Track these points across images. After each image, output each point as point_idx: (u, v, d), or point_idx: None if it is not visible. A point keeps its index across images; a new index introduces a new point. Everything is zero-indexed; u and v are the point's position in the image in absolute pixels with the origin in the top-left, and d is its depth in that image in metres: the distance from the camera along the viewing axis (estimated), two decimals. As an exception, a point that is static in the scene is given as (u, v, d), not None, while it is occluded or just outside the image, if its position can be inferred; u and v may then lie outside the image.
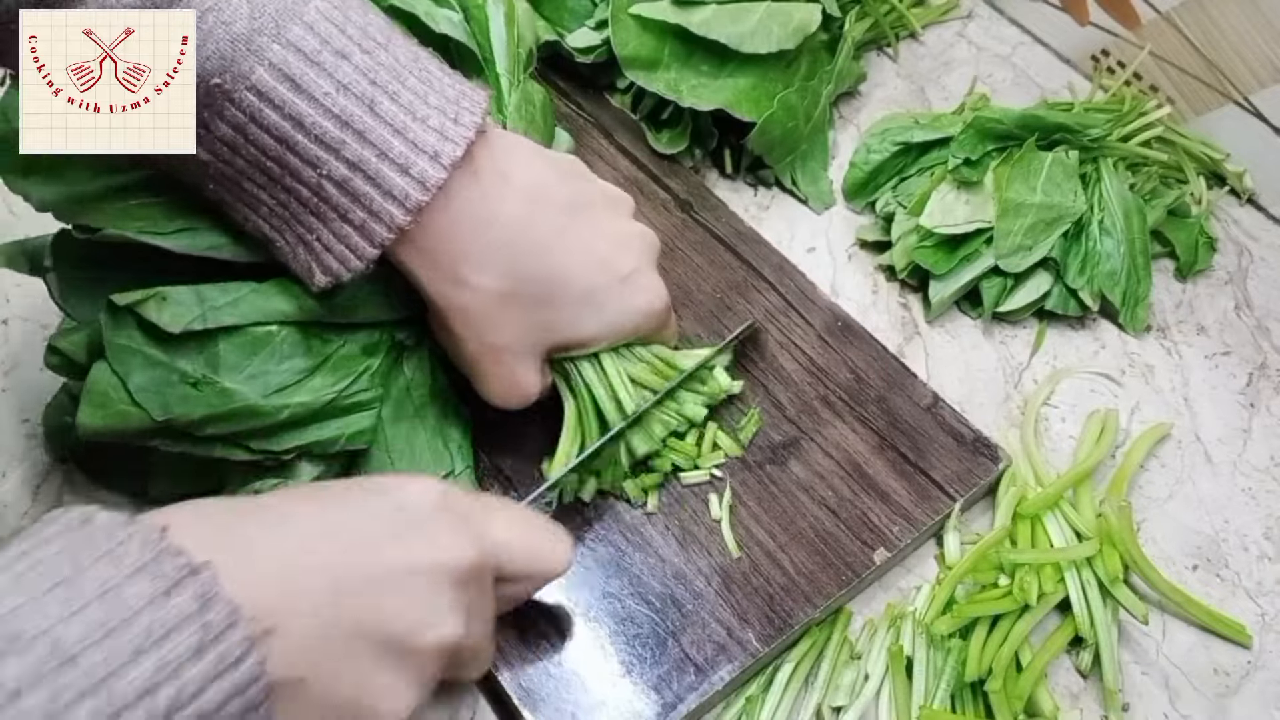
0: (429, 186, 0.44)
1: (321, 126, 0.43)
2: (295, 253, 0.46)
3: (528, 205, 0.47)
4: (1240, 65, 0.74)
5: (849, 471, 0.58)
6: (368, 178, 0.43)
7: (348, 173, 0.43)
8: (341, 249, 0.45)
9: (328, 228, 0.45)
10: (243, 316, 0.47)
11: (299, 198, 0.44)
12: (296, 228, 0.45)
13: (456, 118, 0.45)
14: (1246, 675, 0.56)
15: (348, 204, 0.44)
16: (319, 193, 0.44)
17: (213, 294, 0.47)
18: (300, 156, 0.43)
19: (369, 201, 0.44)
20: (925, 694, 0.52)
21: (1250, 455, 0.64)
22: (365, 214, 0.44)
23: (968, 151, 0.68)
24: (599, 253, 0.50)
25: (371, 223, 0.44)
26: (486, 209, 0.46)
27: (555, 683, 0.50)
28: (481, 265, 0.47)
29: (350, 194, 0.43)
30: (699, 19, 0.67)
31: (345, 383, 0.50)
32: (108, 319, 0.45)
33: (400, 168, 0.43)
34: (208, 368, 0.46)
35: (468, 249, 0.46)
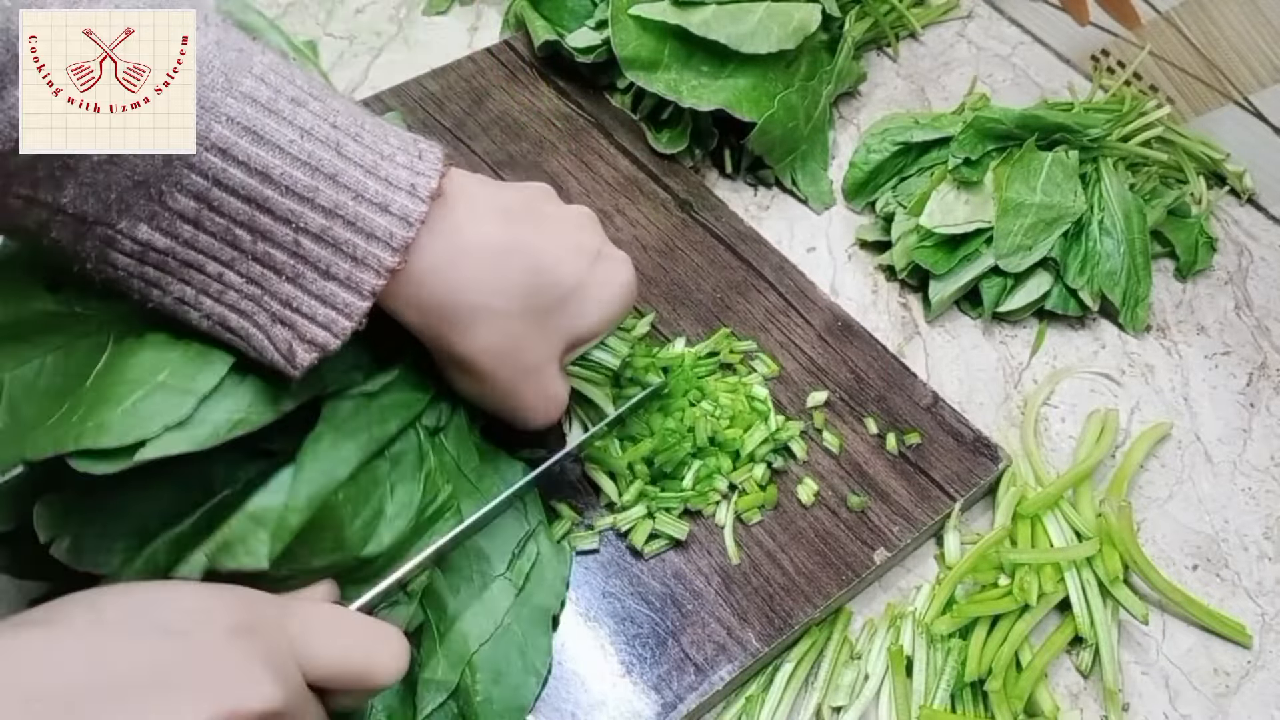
0: (412, 222, 0.41)
1: (291, 176, 0.40)
2: (271, 334, 0.41)
3: (500, 221, 0.46)
4: (1240, 65, 0.74)
5: (849, 471, 0.58)
6: (347, 223, 0.40)
7: (325, 221, 0.40)
8: (327, 312, 0.41)
9: (307, 291, 0.41)
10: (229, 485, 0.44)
11: (274, 265, 0.40)
12: (271, 304, 0.41)
13: (420, 154, 0.44)
14: (1246, 675, 0.56)
15: (329, 256, 0.40)
16: (296, 251, 0.40)
17: (264, 509, 0.42)
18: (273, 214, 0.39)
19: (352, 249, 0.40)
20: (925, 694, 0.52)
21: (1250, 455, 0.64)
22: (350, 264, 0.40)
23: (968, 151, 0.68)
24: (571, 240, 0.49)
25: (358, 272, 0.41)
26: (466, 237, 0.44)
27: (555, 683, 0.50)
28: (484, 293, 0.45)
29: (330, 244, 0.40)
30: (699, 19, 0.67)
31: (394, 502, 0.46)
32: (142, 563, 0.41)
33: (379, 207, 0.41)
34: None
35: (464, 281, 0.44)
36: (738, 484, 0.56)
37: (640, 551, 0.54)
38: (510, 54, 0.77)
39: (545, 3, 0.76)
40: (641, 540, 0.54)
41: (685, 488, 0.55)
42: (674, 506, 0.54)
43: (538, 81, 0.75)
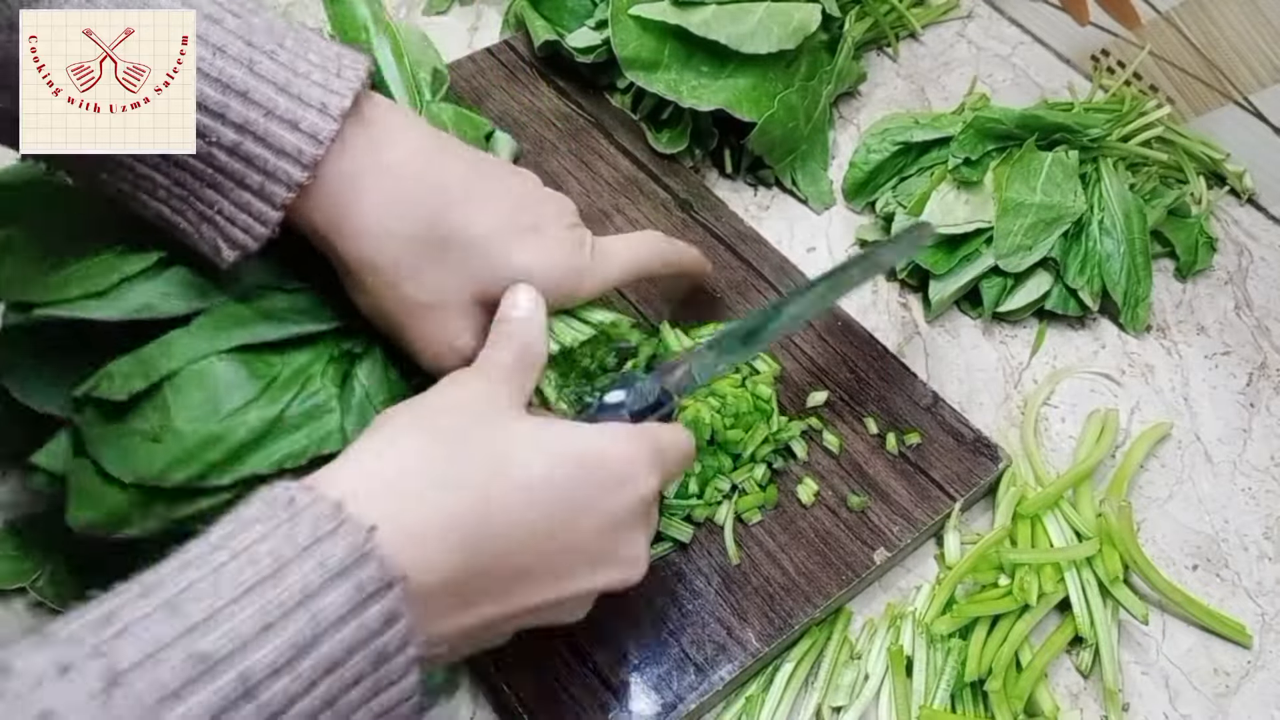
0: (321, 140, 0.43)
1: (203, 93, 0.42)
2: (199, 231, 0.45)
3: (424, 154, 0.47)
4: (1240, 65, 0.74)
5: (849, 471, 0.58)
6: (257, 138, 0.42)
7: (236, 137, 0.42)
8: (244, 218, 0.44)
9: (227, 198, 0.44)
10: (179, 359, 0.47)
11: (193, 171, 0.43)
12: (196, 204, 0.44)
13: (339, 71, 0.45)
14: (1246, 675, 0.56)
15: (241, 169, 0.43)
16: (211, 162, 0.43)
17: (150, 352, 0.47)
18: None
19: (262, 163, 0.43)
20: (925, 694, 0.52)
21: (1250, 455, 0.64)
22: (261, 176, 0.43)
23: (968, 151, 0.68)
24: (501, 193, 0.48)
25: (269, 184, 0.43)
26: (383, 158, 0.45)
27: (556, 683, 0.50)
28: (384, 214, 0.45)
29: (242, 158, 0.43)
30: (699, 19, 0.67)
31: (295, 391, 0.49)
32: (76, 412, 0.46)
33: (289, 124, 0.42)
34: (161, 419, 0.46)
35: (369, 199, 0.45)
36: (738, 484, 0.56)
37: None
38: (510, 54, 0.77)
39: (545, 3, 0.76)
40: None
41: (691, 493, 0.55)
42: (678, 511, 0.54)
43: (538, 81, 0.75)
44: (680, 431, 0.47)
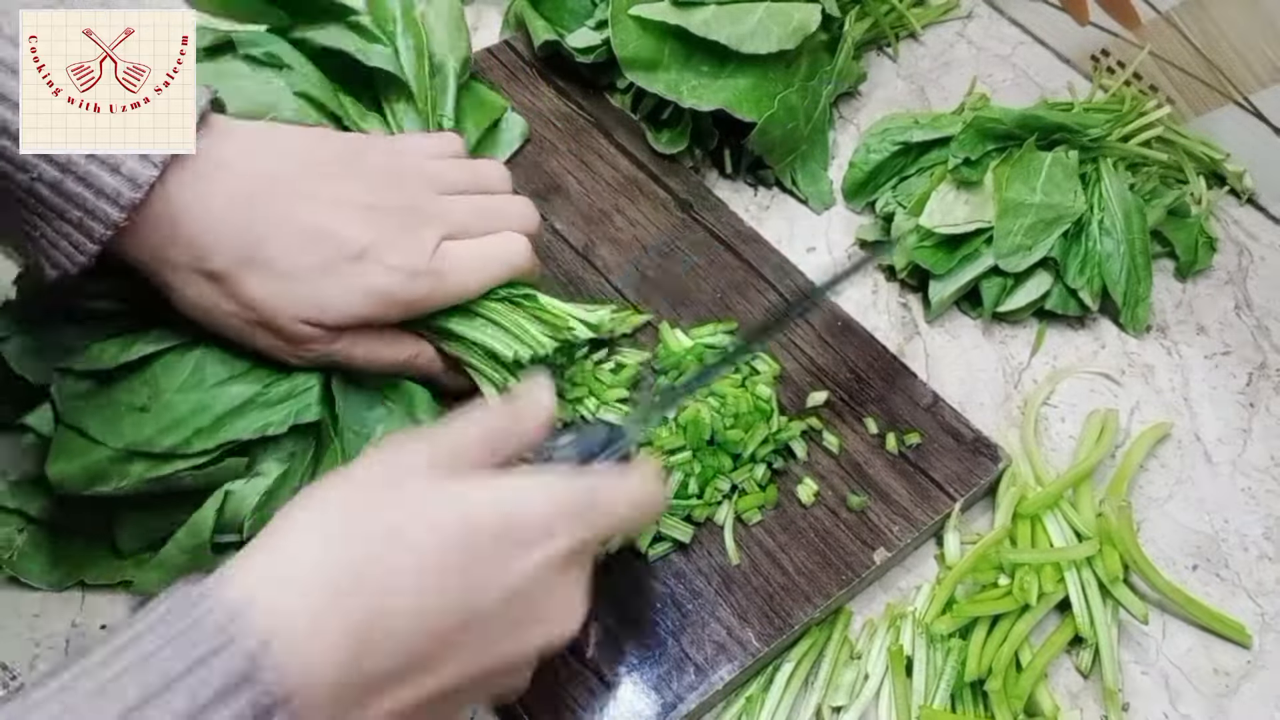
0: (140, 184, 0.44)
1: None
2: (25, 247, 0.47)
3: (251, 186, 0.48)
4: (1240, 65, 0.74)
5: (849, 471, 0.58)
6: (78, 179, 0.44)
7: (59, 175, 0.44)
8: (66, 245, 0.45)
9: (49, 225, 0.45)
10: (168, 340, 0.51)
11: (18, 199, 0.45)
12: (22, 225, 0.46)
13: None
14: (1246, 675, 0.56)
15: (62, 205, 0.44)
16: (33, 193, 0.44)
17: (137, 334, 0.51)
18: (11, 162, 0.44)
19: (82, 201, 0.44)
20: (925, 694, 0.52)
21: (1250, 455, 0.64)
22: (81, 213, 0.45)
23: (968, 151, 0.68)
24: (324, 241, 0.49)
25: (89, 221, 0.45)
26: (200, 196, 0.47)
27: (556, 683, 0.50)
28: (207, 242, 0.47)
29: (64, 195, 0.44)
30: (699, 20, 0.67)
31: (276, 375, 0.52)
32: (59, 383, 0.48)
33: (110, 168, 0.44)
34: (149, 391, 0.49)
35: (185, 238, 0.47)
36: (738, 484, 0.56)
37: (644, 554, 0.54)
38: (510, 54, 0.77)
39: (545, 3, 0.75)
40: (645, 543, 0.54)
41: (691, 493, 0.55)
42: (678, 511, 0.54)
43: (538, 81, 0.75)
44: (630, 479, 0.44)
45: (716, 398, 0.58)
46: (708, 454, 0.56)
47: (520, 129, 0.70)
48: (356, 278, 0.50)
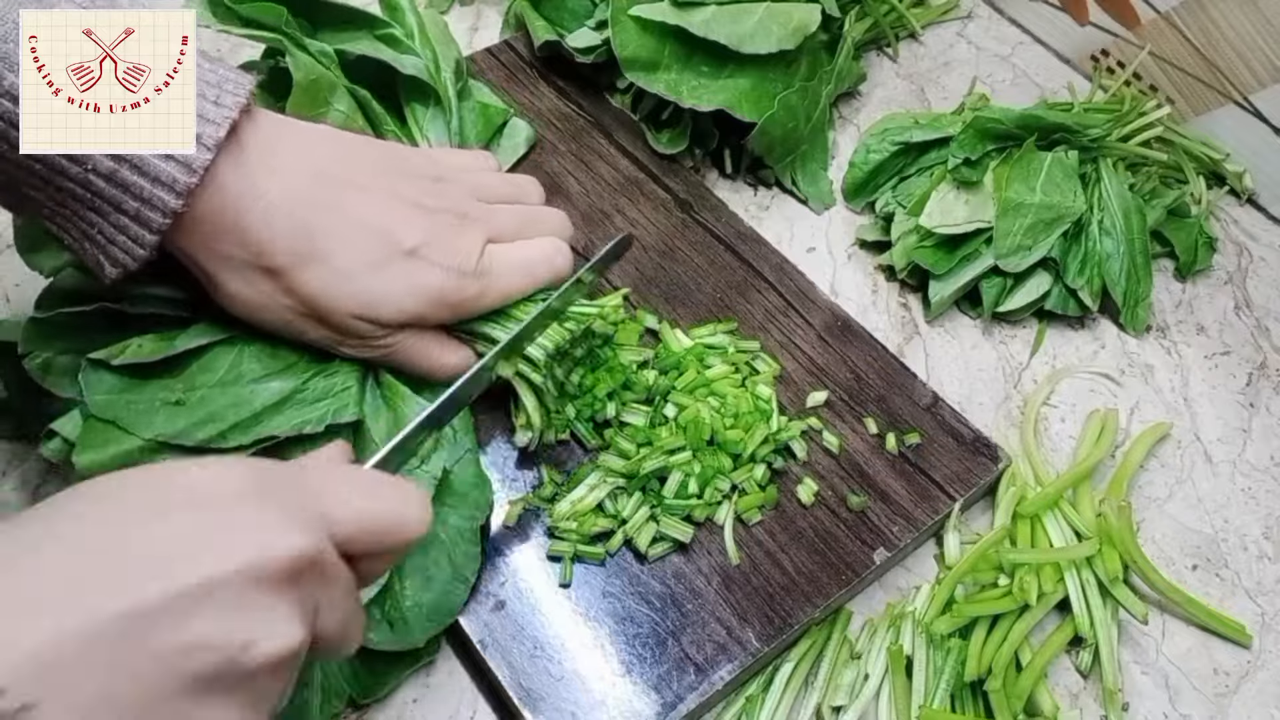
0: (195, 169, 0.44)
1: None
2: (83, 247, 0.47)
3: (301, 178, 0.48)
4: (1240, 65, 0.74)
5: (849, 471, 0.58)
6: (133, 167, 0.44)
7: (113, 164, 0.44)
8: (124, 239, 0.45)
9: (106, 220, 0.45)
10: (207, 337, 0.51)
11: (73, 195, 0.44)
12: (78, 224, 0.46)
13: (218, 100, 0.46)
14: (1246, 675, 0.56)
15: (119, 195, 0.44)
16: (89, 188, 0.44)
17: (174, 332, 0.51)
18: (64, 154, 0.43)
19: (139, 190, 0.44)
20: (925, 694, 0.52)
21: (1250, 455, 0.64)
22: (138, 203, 0.44)
23: (967, 151, 0.68)
24: (375, 236, 0.50)
25: (146, 210, 0.44)
26: (253, 187, 0.47)
27: (555, 683, 0.50)
28: (249, 245, 0.47)
29: (119, 185, 0.44)
30: (699, 20, 0.67)
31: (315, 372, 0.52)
32: (88, 378, 0.48)
33: (163, 154, 0.44)
34: (185, 387, 0.49)
35: (240, 231, 0.47)
36: (738, 484, 0.56)
37: (644, 554, 0.54)
38: (510, 54, 0.77)
39: (545, 3, 0.76)
40: (645, 543, 0.54)
41: (691, 493, 0.55)
42: (678, 511, 0.54)
43: (538, 81, 0.75)
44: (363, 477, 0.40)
45: (716, 397, 0.58)
46: (707, 454, 0.56)
47: (525, 134, 0.70)
48: (408, 276, 0.50)
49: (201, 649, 0.30)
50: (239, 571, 0.31)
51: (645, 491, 0.55)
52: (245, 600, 0.32)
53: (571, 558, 0.53)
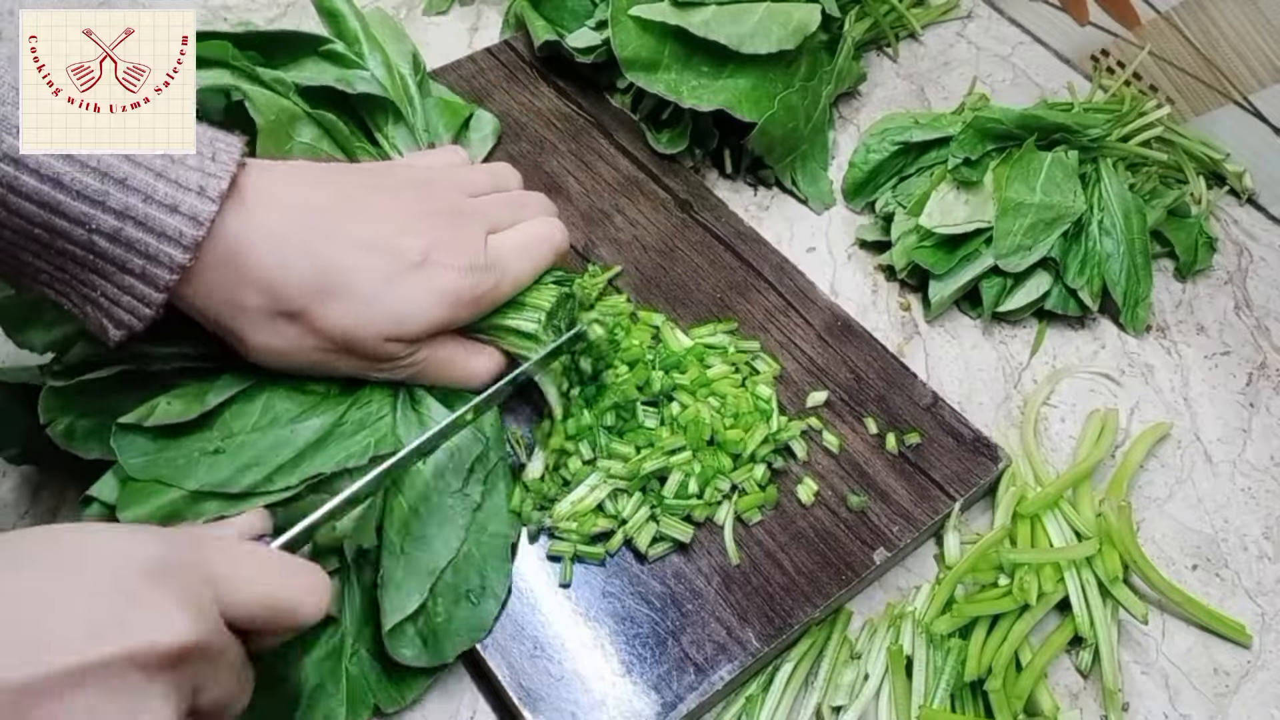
0: (201, 221, 0.44)
1: (82, 182, 0.43)
2: (85, 312, 0.46)
3: (297, 218, 0.48)
4: (1240, 65, 0.74)
5: (849, 471, 0.58)
6: (138, 224, 0.43)
7: (117, 223, 0.43)
8: (129, 300, 0.45)
9: (110, 282, 0.44)
10: (235, 386, 0.50)
11: (75, 258, 0.44)
12: (80, 288, 0.45)
13: (214, 155, 0.46)
14: (1246, 675, 0.56)
15: (123, 254, 0.43)
16: (92, 249, 0.43)
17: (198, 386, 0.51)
18: (66, 217, 0.43)
19: (144, 247, 0.43)
20: (925, 693, 0.52)
21: (1250, 455, 0.64)
22: (144, 260, 0.44)
23: (967, 151, 0.68)
24: (382, 254, 0.49)
25: (152, 268, 0.44)
26: (258, 229, 0.46)
27: (555, 683, 0.50)
28: (265, 291, 0.47)
29: (124, 244, 0.43)
30: (699, 20, 0.67)
31: (349, 403, 0.52)
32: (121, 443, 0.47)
33: (168, 208, 0.43)
34: (222, 435, 0.49)
35: (254, 278, 0.46)
36: (738, 484, 0.56)
37: (644, 554, 0.54)
38: (510, 54, 0.77)
39: (545, 3, 0.76)
40: (645, 543, 0.54)
41: (691, 493, 0.55)
42: (678, 511, 0.54)
43: (538, 81, 0.75)
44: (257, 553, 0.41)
45: (717, 397, 0.58)
46: (708, 454, 0.56)
47: (492, 126, 0.70)
48: (427, 284, 0.50)
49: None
50: (124, 657, 0.33)
51: (645, 491, 0.55)
52: (125, 684, 0.33)
53: (571, 558, 0.53)
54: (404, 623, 0.49)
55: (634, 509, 0.54)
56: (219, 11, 0.82)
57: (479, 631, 0.51)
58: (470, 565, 0.51)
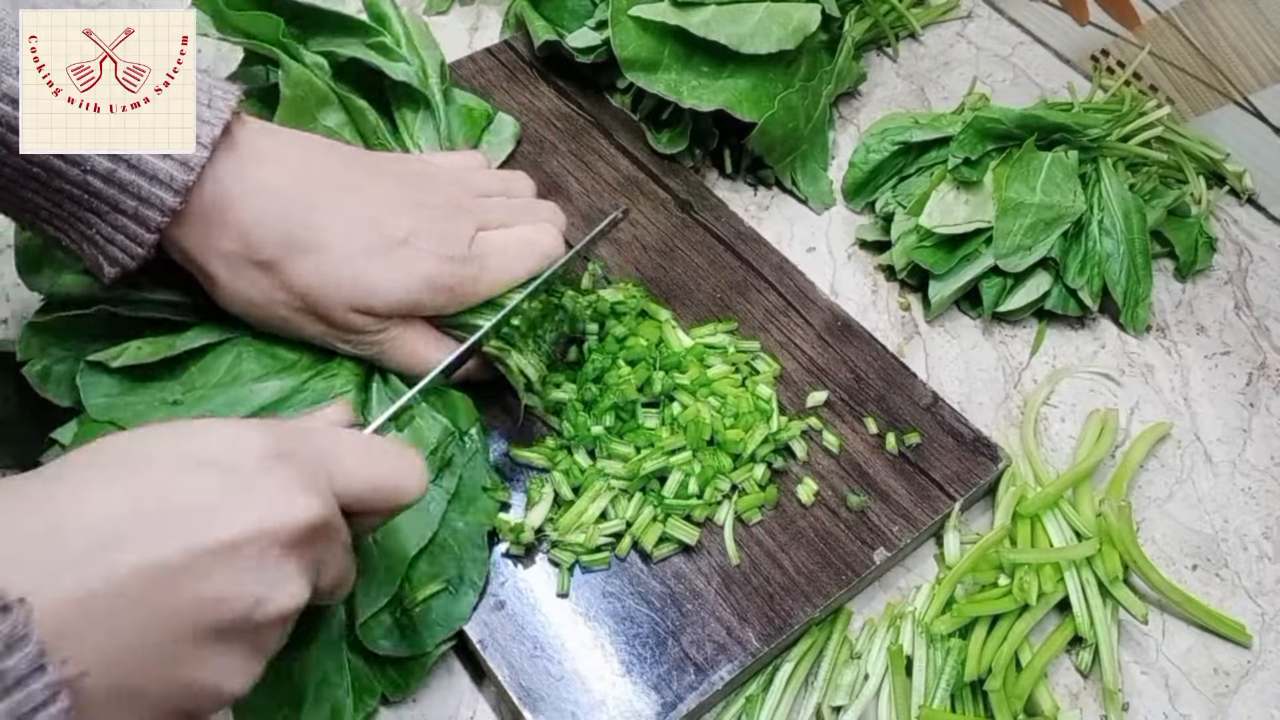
0: (192, 166, 0.45)
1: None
2: (82, 249, 0.48)
3: (290, 174, 0.49)
4: (1240, 65, 0.74)
5: (849, 471, 0.58)
6: (131, 166, 0.45)
7: (110, 165, 0.44)
8: (122, 239, 0.46)
9: (104, 221, 0.46)
10: (207, 338, 0.51)
11: (71, 197, 0.45)
12: (77, 225, 0.47)
13: (210, 103, 0.47)
14: (1246, 675, 0.56)
15: (117, 195, 0.45)
16: (87, 188, 0.45)
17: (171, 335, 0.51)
18: (62, 156, 0.44)
19: (136, 189, 0.45)
20: (925, 693, 0.52)
21: (1250, 455, 0.64)
22: (136, 201, 0.45)
23: (967, 151, 0.68)
24: (364, 227, 0.50)
25: (144, 209, 0.45)
26: (247, 181, 0.48)
27: (555, 683, 0.50)
28: (255, 223, 0.48)
29: (117, 185, 0.45)
30: (699, 20, 0.67)
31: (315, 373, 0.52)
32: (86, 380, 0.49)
33: (160, 153, 0.45)
34: (184, 388, 0.50)
35: (236, 227, 0.47)
36: (738, 484, 0.56)
37: (648, 554, 0.54)
38: (510, 54, 0.77)
39: (545, 3, 0.76)
40: (652, 543, 0.53)
41: (691, 493, 0.55)
42: (679, 512, 0.54)
43: (538, 81, 0.75)
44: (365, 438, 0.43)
45: (717, 397, 0.58)
46: (708, 454, 0.56)
47: (511, 129, 0.71)
48: (402, 264, 0.51)
49: (217, 604, 0.33)
50: (258, 535, 0.34)
51: (645, 492, 0.55)
52: (261, 561, 0.34)
53: (569, 567, 0.53)
54: (380, 613, 0.49)
55: (636, 510, 0.54)
56: (219, 11, 0.82)
57: (457, 620, 0.51)
58: (447, 554, 0.51)
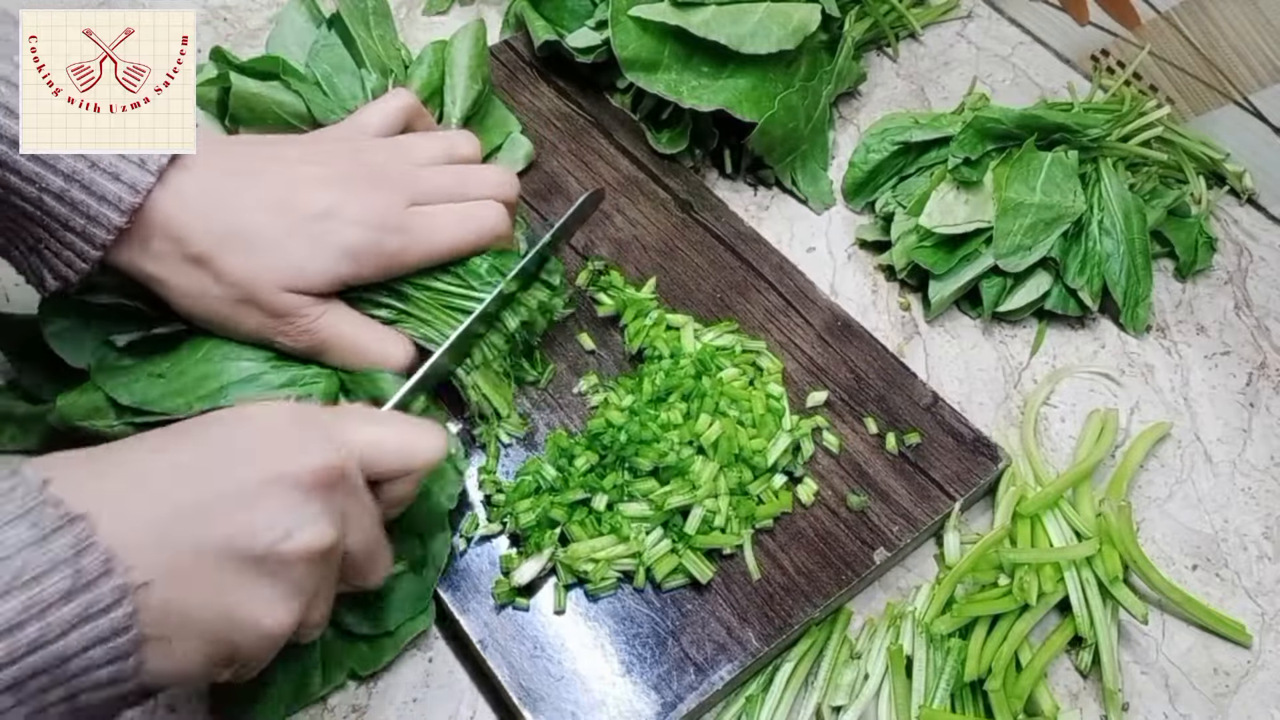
0: (139, 190, 0.47)
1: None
2: (28, 261, 0.50)
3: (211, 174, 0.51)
4: (1240, 65, 0.74)
5: (849, 471, 0.58)
6: (83, 186, 0.47)
7: (64, 184, 0.46)
8: (68, 255, 0.48)
9: (54, 237, 0.48)
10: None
11: (24, 212, 0.47)
12: (28, 239, 0.49)
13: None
14: (1246, 675, 0.56)
15: (67, 213, 0.47)
16: (40, 205, 0.47)
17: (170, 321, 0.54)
18: (19, 174, 0.46)
19: (86, 208, 0.47)
20: (925, 693, 0.52)
21: (1250, 455, 0.64)
22: (84, 220, 0.47)
23: (967, 151, 0.68)
24: (290, 210, 0.51)
25: (91, 228, 0.47)
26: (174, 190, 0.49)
27: (555, 683, 0.50)
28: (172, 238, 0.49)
29: (69, 204, 0.47)
30: (699, 20, 0.67)
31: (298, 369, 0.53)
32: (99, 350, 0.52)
33: (111, 175, 0.47)
34: (168, 363, 0.53)
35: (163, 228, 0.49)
36: (758, 495, 0.55)
37: (659, 584, 0.53)
38: (510, 54, 0.77)
39: (545, 3, 0.76)
40: (663, 573, 0.53)
41: (715, 527, 0.54)
42: (700, 546, 0.53)
43: (538, 81, 0.75)
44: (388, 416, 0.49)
45: (734, 404, 0.57)
46: (732, 469, 0.55)
47: (525, 150, 0.69)
48: (324, 236, 0.51)
49: (253, 533, 0.39)
50: (280, 476, 0.40)
51: (667, 527, 0.54)
52: (285, 500, 0.40)
53: (565, 586, 0.53)
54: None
55: (655, 541, 0.53)
56: (219, 11, 0.82)
57: (422, 601, 0.52)
58: (410, 534, 0.52)
